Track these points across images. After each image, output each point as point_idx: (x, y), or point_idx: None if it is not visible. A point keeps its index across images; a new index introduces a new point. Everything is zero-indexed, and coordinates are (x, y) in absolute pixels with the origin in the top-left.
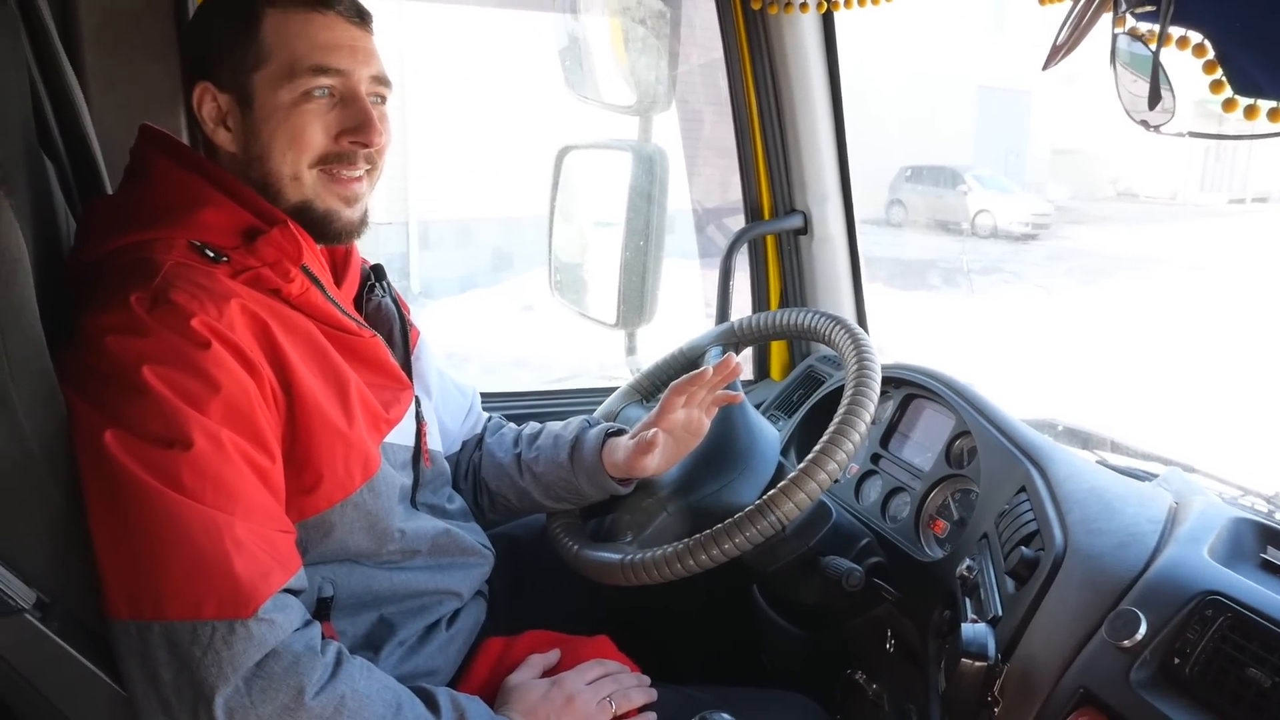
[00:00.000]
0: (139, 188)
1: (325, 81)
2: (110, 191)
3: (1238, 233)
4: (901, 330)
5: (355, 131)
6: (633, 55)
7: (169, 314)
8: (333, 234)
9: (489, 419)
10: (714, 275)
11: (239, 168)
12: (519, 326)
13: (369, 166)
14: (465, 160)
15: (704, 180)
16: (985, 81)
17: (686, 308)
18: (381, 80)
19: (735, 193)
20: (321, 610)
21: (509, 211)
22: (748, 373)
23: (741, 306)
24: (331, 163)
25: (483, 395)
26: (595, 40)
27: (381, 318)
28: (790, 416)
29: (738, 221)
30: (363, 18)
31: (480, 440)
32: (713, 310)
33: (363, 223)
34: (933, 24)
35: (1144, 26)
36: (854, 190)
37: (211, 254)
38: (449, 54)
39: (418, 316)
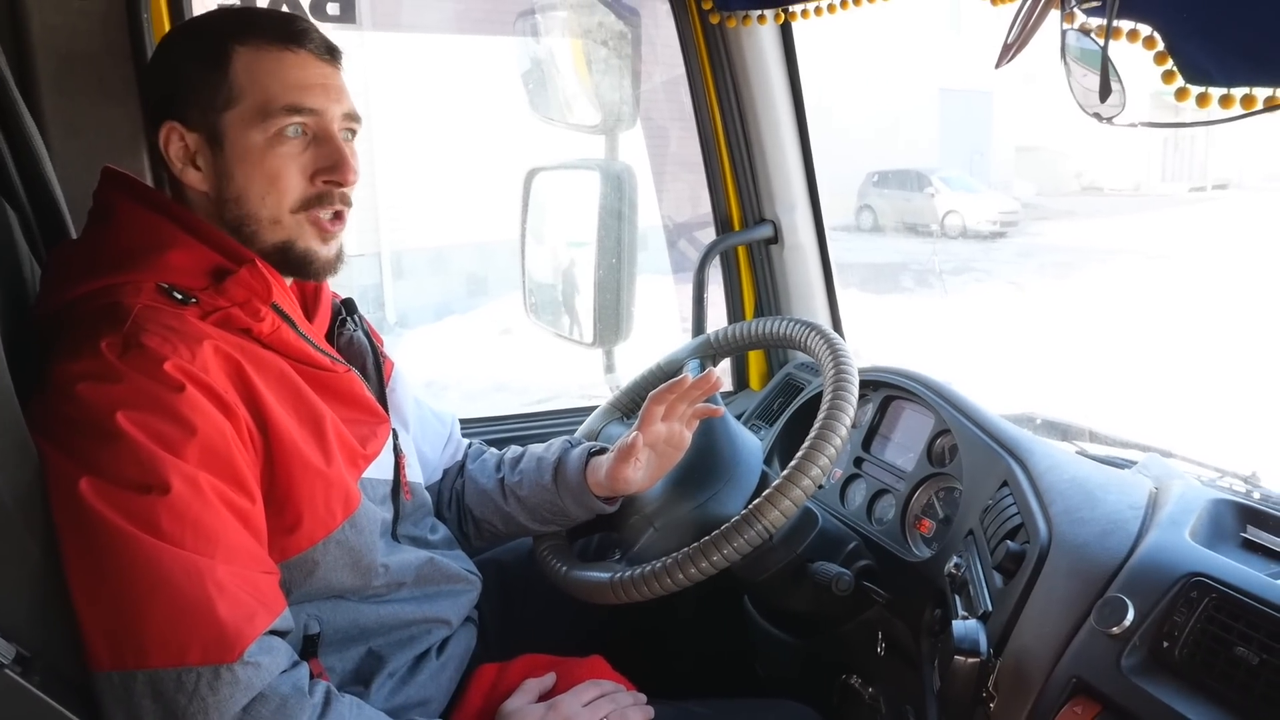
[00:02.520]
0: (103, 232)
1: (298, 120)
2: (75, 237)
3: (1200, 220)
4: (880, 334)
5: (330, 171)
6: (595, 75)
7: (141, 358)
8: (311, 272)
9: (469, 445)
10: (688, 289)
11: (211, 207)
12: (498, 351)
13: (343, 205)
14: (435, 187)
15: (673, 195)
16: (946, 84)
17: (662, 322)
18: (352, 117)
19: (704, 206)
20: (308, 647)
21: (482, 236)
22: (727, 384)
23: (717, 318)
24: (312, 206)
25: (462, 421)
26: (557, 62)
27: (354, 352)
28: (771, 425)
29: (708, 235)
30: (333, 54)
31: (462, 467)
32: (689, 324)
33: (339, 259)
34: (891, 27)
35: (1093, 21)
36: (823, 198)
37: (180, 296)
38: (413, 82)
39: (395, 346)
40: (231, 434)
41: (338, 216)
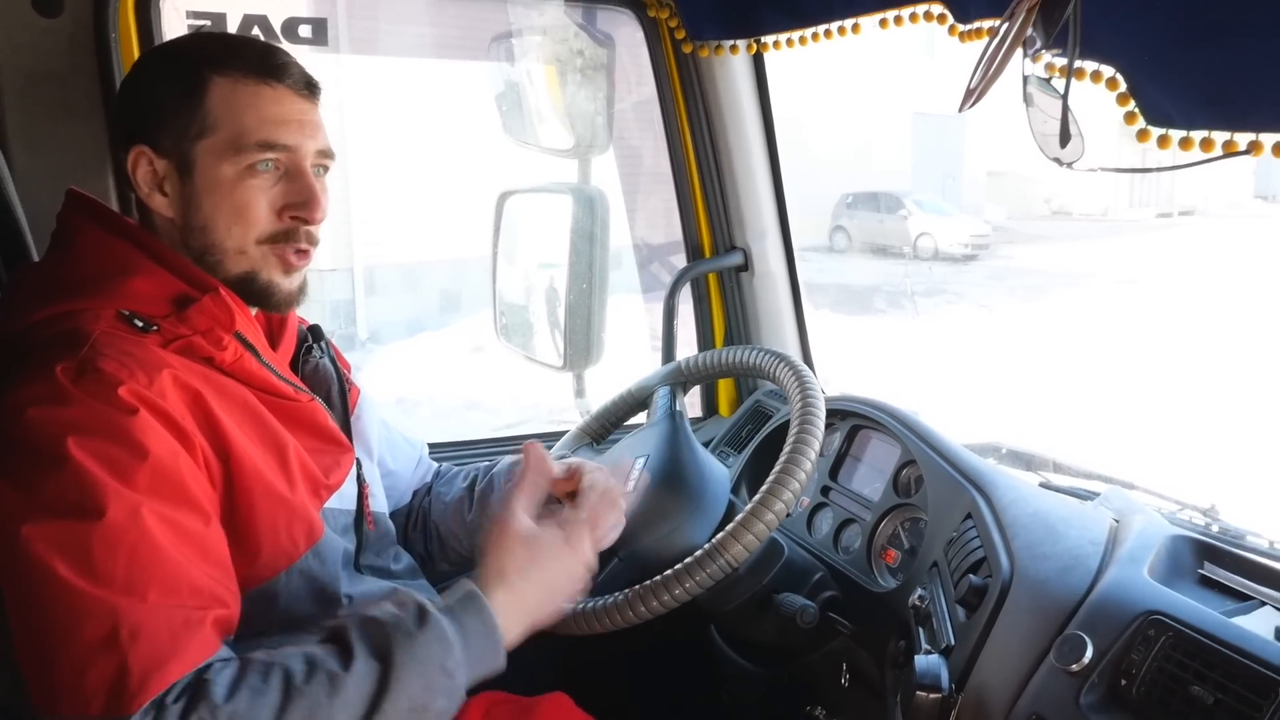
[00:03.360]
0: (65, 256)
1: (271, 156)
2: (37, 258)
3: (1166, 245)
4: (854, 356)
5: (299, 208)
6: (569, 100)
7: (95, 383)
8: (273, 304)
9: (438, 467)
10: (657, 307)
11: (176, 234)
12: (470, 368)
13: (309, 244)
14: (409, 203)
15: (645, 218)
16: (920, 108)
17: (633, 341)
18: (326, 154)
19: (676, 229)
20: None
21: (455, 253)
22: (696, 410)
23: (687, 342)
24: (278, 240)
25: (431, 445)
26: (531, 86)
27: (319, 379)
28: (740, 452)
29: (679, 256)
30: (311, 90)
31: (430, 488)
32: (658, 342)
33: (301, 292)
34: (867, 52)
35: (1058, 62)
36: (797, 218)
37: (141, 323)
38: (388, 98)
39: (366, 362)
40: (186, 460)
41: (302, 253)
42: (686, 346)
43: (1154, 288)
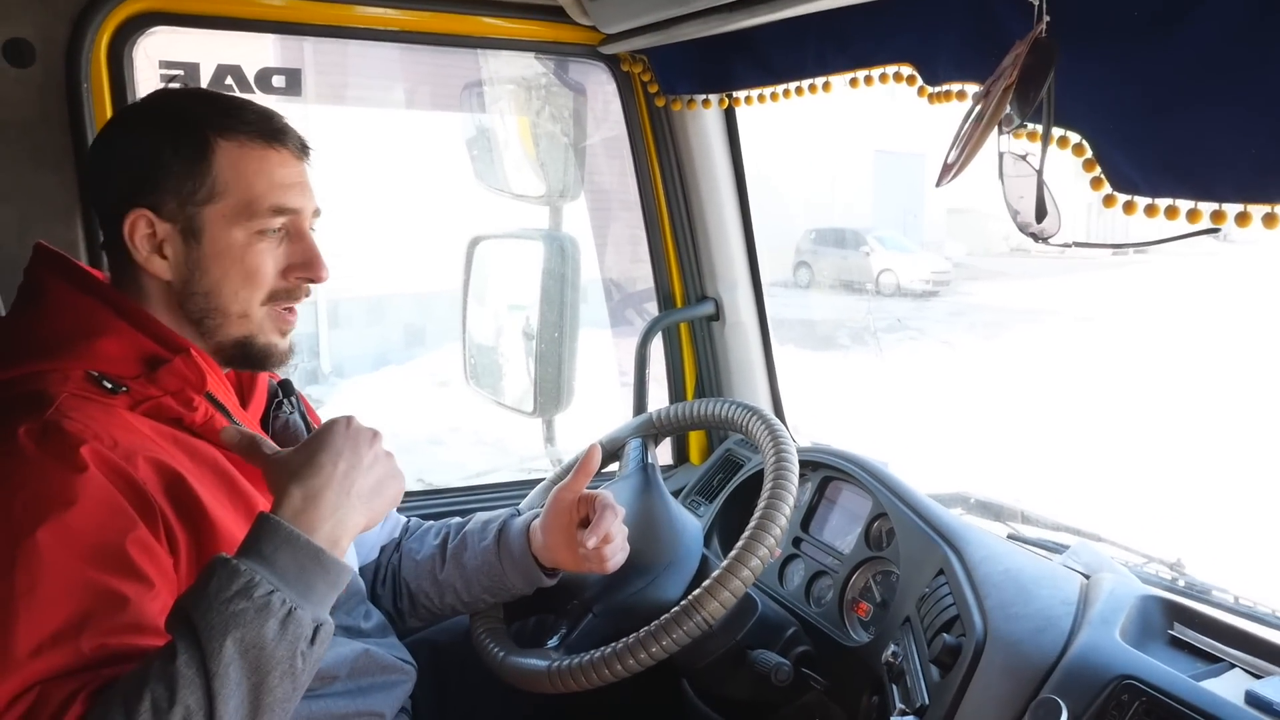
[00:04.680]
0: (32, 314)
1: (281, 221)
2: (4, 311)
3: (1122, 283)
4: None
5: (304, 268)
6: (541, 148)
7: (57, 443)
8: (269, 365)
9: (407, 521)
10: (625, 343)
11: (171, 297)
12: (434, 404)
13: (305, 298)
14: (374, 237)
15: (616, 263)
16: (881, 145)
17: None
18: (318, 212)
19: (647, 275)
20: None
21: (420, 287)
22: (666, 458)
23: (657, 391)
24: (280, 299)
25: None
26: (503, 133)
27: (289, 435)
28: (711, 502)
29: (650, 303)
30: (306, 152)
31: (399, 543)
32: (627, 378)
33: (292, 350)
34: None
35: (1032, 127)
36: (761, 253)
37: (110, 385)
38: (351, 133)
39: (330, 396)
40: (132, 524)
41: (293, 311)
42: (658, 392)
43: (1110, 325)
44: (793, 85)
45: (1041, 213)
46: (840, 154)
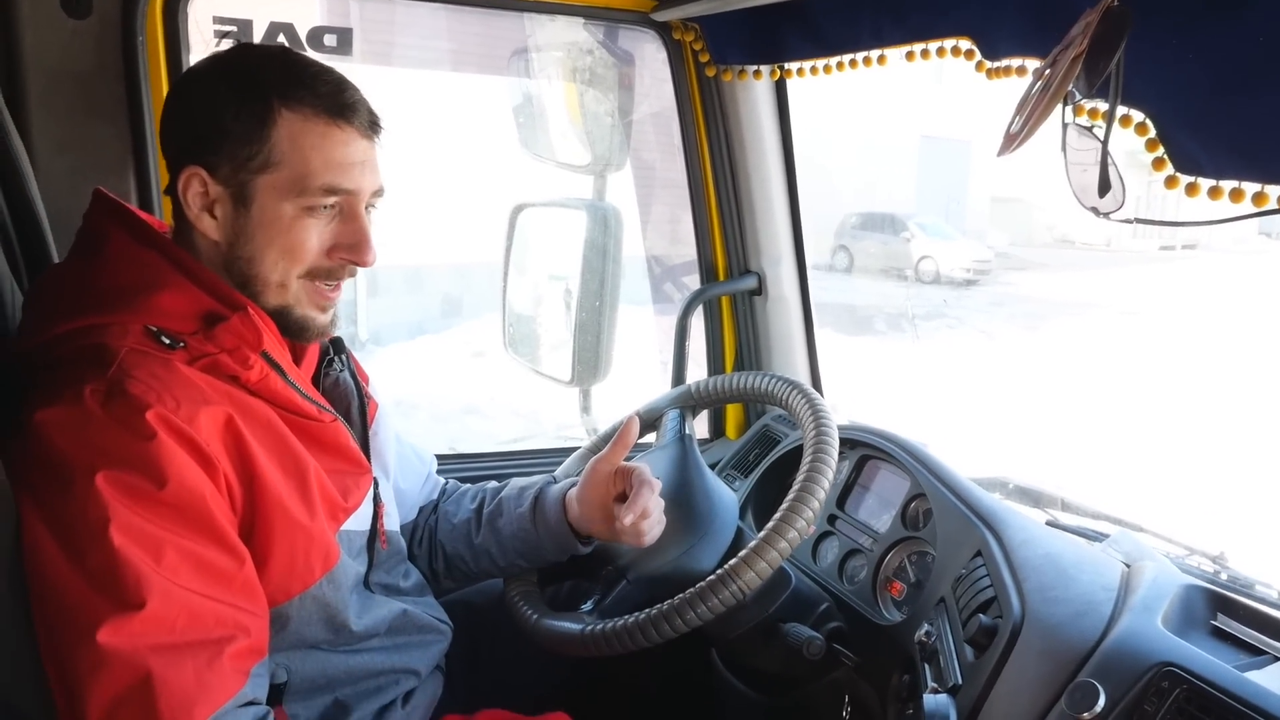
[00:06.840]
0: (93, 265)
1: (333, 200)
2: (57, 258)
3: (1168, 278)
4: (855, 376)
5: (350, 250)
6: (587, 116)
7: (123, 407)
8: (306, 338)
9: (445, 484)
10: (665, 320)
11: (217, 256)
12: (470, 373)
13: (349, 278)
14: (415, 207)
15: (659, 235)
16: (927, 131)
17: (640, 351)
18: (380, 192)
19: (689, 247)
20: (274, 695)
21: (459, 258)
22: (703, 431)
23: (697, 362)
24: (319, 277)
25: (438, 457)
26: (550, 100)
27: (340, 394)
28: (747, 476)
29: (691, 274)
30: (374, 129)
31: (436, 505)
32: (666, 356)
33: (333, 324)
34: (876, 73)
35: (1101, 106)
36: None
37: (168, 340)
38: (396, 100)
39: (366, 363)
40: (210, 488)
41: (337, 286)
42: (696, 366)
43: (1156, 321)
44: (846, 58)
45: (1105, 187)
46: (886, 138)
